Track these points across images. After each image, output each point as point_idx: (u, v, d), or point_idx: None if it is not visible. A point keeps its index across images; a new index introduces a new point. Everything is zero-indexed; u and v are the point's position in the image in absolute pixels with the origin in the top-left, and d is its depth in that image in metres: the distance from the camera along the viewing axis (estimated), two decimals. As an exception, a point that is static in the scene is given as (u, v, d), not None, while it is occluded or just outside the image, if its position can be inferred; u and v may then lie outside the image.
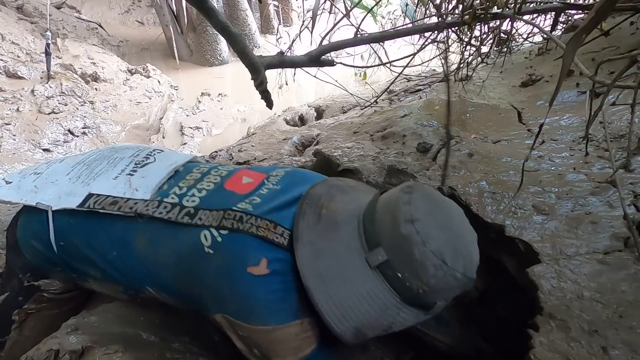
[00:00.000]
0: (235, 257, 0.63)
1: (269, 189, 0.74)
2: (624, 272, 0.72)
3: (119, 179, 0.81)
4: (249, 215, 0.66)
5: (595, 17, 0.61)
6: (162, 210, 0.72)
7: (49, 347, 0.70)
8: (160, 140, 3.24)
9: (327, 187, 0.75)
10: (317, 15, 1.58)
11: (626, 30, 1.70)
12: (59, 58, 3.63)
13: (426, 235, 0.58)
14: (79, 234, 0.77)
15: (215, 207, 0.70)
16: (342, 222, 0.67)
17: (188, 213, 0.70)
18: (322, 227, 0.66)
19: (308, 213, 0.68)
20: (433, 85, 2.27)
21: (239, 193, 0.73)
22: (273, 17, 6.51)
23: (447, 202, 0.65)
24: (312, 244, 0.64)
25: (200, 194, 0.74)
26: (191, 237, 0.67)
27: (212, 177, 0.79)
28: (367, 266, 0.62)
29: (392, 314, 0.61)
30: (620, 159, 1.00)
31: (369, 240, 0.63)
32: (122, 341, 0.73)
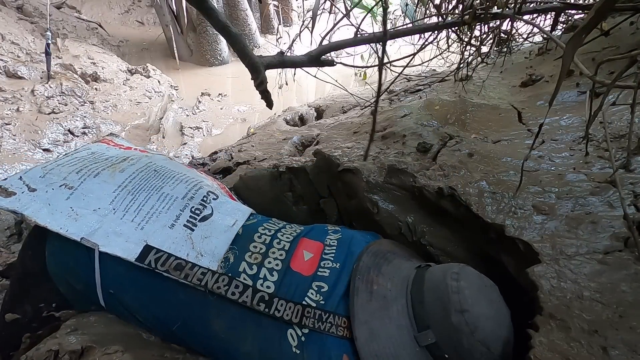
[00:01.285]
0: (320, 357, 0.68)
1: (330, 269, 0.78)
2: (624, 272, 0.72)
3: (176, 229, 0.75)
4: (327, 314, 0.71)
5: (595, 17, 0.61)
6: (234, 290, 0.72)
7: (48, 347, 0.69)
8: (160, 140, 3.24)
9: (372, 257, 0.81)
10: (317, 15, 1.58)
11: (626, 30, 1.70)
12: (59, 58, 3.63)
13: (474, 327, 0.65)
14: (132, 289, 0.73)
15: (290, 297, 0.73)
16: (391, 299, 0.73)
17: (263, 299, 0.71)
18: (374, 306, 0.72)
19: (361, 290, 0.74)
20: (433, 85, 2.27)
21: (305, 275, 0.77)
22: (273, 17, 6.51)
23: (490, 288, 0.73)
24: (367, 323, 0.70)
25: (272, 277, 0.75)
26: (277, 334, 0.70)
27: (277, 252, 0.80)
28: (416, 344, 0.69)
29: None
30: (620, 159, 1.00)
31: (418, 321, 0.70)
32: (122, 341, 0.73)
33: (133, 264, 0.71)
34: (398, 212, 1.14)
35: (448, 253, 1.07)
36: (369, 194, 1.16)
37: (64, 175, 0.78)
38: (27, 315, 0.79)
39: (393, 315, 0.71)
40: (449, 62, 2.46)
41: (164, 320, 0.74)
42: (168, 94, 4.10)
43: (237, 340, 0.72)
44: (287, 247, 0.82)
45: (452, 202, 1.04)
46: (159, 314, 0.74)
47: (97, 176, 0.79)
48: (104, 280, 0.73)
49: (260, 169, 1.41)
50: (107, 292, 0.74)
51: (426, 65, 2.23)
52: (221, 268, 0.74)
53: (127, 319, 0.79)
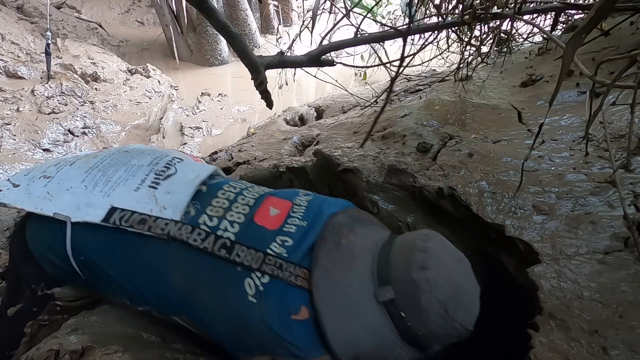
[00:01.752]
0: (280, 308, 0.67)
1: (297, 226, 0.75)
2: (624, 272, 0.72)
3: (141, 191, 0.78)
4: (288, 263, 0.69)
5: (595, 17, 0.61)
6: (196, 237, 0.72)
7: (49, 347, 0.70)
8: (160, 140, 3.24)
9: (348, 217, 0.78)
10: (317, 15, 1.58)
11: (626, 30, 1.70)
12: (59, 58, 3.64)
13: (434, 285, 0.62)
14: (100, 251, 0.74)
15: (252, 245, 0.71)
16: (358, 255, 0.71)
17: (224, 245, 0.71)
18: (339, 257, 0.70)
19: (328, 240, 0.72)
20: (433, 85, 2.27)
21: (270, 229, 0.74)
22: (273, 17, 6.51)
23: (458, 255, 0.70)
24: (328, 270, 0.68)
25: (233, 228, 0.74)
26: (234, 283, 0.68)
27: (241, 207, 0.78)
28: (375, 301, 0.66)
29: (390, 349, 0.66)
30: (620, 159, 1.00)
31: (380, 277, 0.67)
32: (122, 341, 0.73)
33: (100, 227, 0.74)
34: (398, 212, 1.14)
35: (448, 253, 1.07)
36: (369, 193, 1.16)
37: (44, 169, 0.85)
38: (28, 300, 0.81)
39: (357, 269, 0.69)
40: (449, 62, 2.46)
41: (128, 276, 0.74)
42: (168, 94, 4.10)
43: (195, 290, 0.71)
44: (252, 203, 0.79)
45: (452, 202, 1.04)
46: (124, 272, 0.75)
47: (73, 165, 0.85)
48: (74, 249, 0.75)
49: (260, 169, 1.41)
50: (79, 261, 0.76)
51: (426, 65, 2.23)
52: (184, 218, 0.75)
53: (99, 288, 0.79)
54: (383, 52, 2.15)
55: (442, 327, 0.63)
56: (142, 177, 0.80)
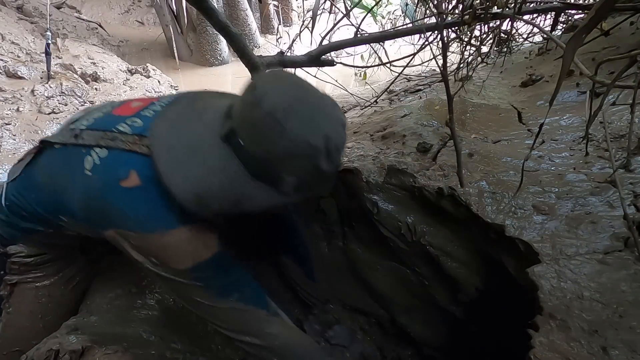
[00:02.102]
0: (108, 175, 0.65)
1: (155, 111, 0.73)
2: (624, 272, 0.72)
3: None
4: (122, 134, 0.68)
5: (595, 17, 0.61)
6: (58, 137, 0.75)
7: (49, 347, 0.70)
8: (160, 140, 3.24)
9: (217, 91, 0.77)
10: (317, 15, 1.58)
11: (626, 30, 1.70)
12: (59, 58, 3.64)
13: (266, 96, 0.57)
14: (14, 190, 0.79)
15: (98, 127, 0.72)
16: (211, 108, 0.67)
17: (75, 135, 0.72)
18: (188, 112, 0.67)
19: (181, 102, 0.70)
20: (433, 85, 2.27)
21: (123, 115, 0.73)
22: (273, 17, 6.51)
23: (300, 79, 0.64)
24: (171, 121, 0.66)
25: (88, 122, 0.75)
26: (78, 162, 0.69)
27: (106, 109, 0.79)
28: (219, 140, 0.62)
29: (239, 187, 0.61)
30: (620, 159, 1.00)
31: (225, 119, 0.63)
32: (122, 341, 0.73)
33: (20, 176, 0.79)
34: (398, 212, 1.14)
35: (448, 253, 1.07)
36: (369, 194, 1.16)
37: None
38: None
39: (205, 119, 0.66)
40: (449, 62, 2.46)
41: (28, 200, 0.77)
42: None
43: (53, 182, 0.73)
44: (118, 103, 0.80)
45: (452, 202, 1.04)
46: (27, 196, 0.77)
47: None
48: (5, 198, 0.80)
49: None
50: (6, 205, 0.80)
51: (426, 65, 2.23)
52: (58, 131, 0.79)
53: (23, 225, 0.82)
54: (383, 52, 2.15)
55: (280, 144, 0.56)
56: None
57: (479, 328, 1.07)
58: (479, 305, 1.05)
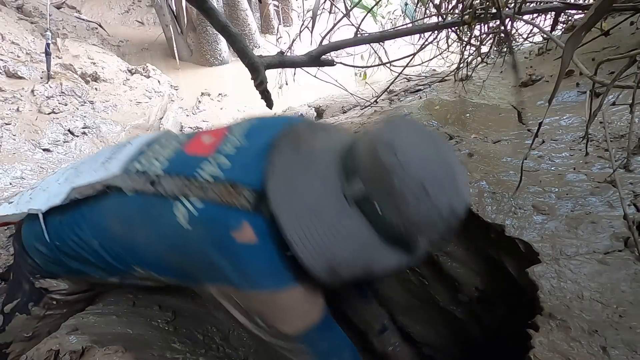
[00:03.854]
0: (217, 227, 0.60)
1: (236, 147, 0.68)
2: (624, 272, 0.72)
3: (98, 170, 0.80)
4: (216, 183, 0.62)
5: (595, 16, 0.61)
6: (128, 182, 0.70)
7: (49, 347, 0.70)
8: (160, 140, 3.24)
9: (307, 125, 0.70)
10: (317, 15, 1.58)
11: (626, 30, 1.70)
12: (59, 58, 3.64)
13: (407, 162, 0.53)
14: (67, 230, 0.76)
15: (178, 172, 0.66)
16: (320, 155, 0.62)
17: (151, 181, 0.67)
18: (298, 161, 0.61)
19: (285, 148, 0.63)
20: (433, 85, 2.27)
21: (201, 155, 0.68)
22: (273, 17, 6.51)
23: (432, 135, 0.61)
24: (286, 177, 0.60)
25: (161, 164, 0.70)
26: (165, 212, 0.63)
27: (172, 146, 0.75)
28: (345, 200, 0.58)
29: (370, 252, 0.58)
30: (620, 159, 1.00)
31: (347, 172, 0.59)
32: (122, 341, 0.73)
33: (62, 210, 0.74)
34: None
35: (448, 253, 1.07)
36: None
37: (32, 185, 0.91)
38: (25, 294, 0.83)
39: (320, 170, 0.60)
40: (449, 62, 2.46)
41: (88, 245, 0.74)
42: (168, 94, 4.10)
43: (132, 231, 0.68)
44: (184, 140, 0.76)
45: (452, 202, 1.04)
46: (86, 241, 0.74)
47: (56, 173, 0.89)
48: (51, 235, 0.76)
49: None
50: (55, 245, 0.76)
51: (426, 65, 2.23)
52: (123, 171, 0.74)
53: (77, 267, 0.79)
54: (383, 52, 2.15)
55: (423, 212, 0.54)
56: (103, 159, 0.81)
57: (478, 328, 1.07)
58: (479, 305, 1.05)
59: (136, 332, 0.79)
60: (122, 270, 0.75)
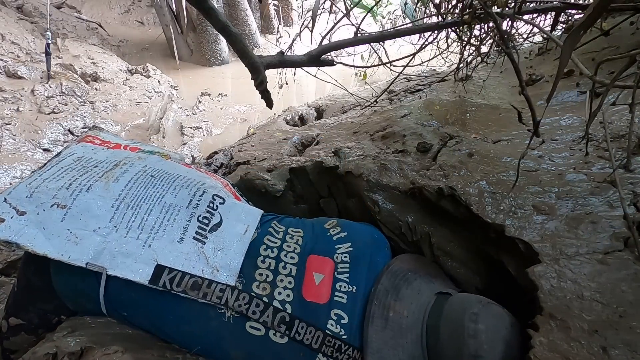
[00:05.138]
0: None
1: (347, 294, 0.75)
2: (624, 272, 0.72)
3: (185, 242, 0.71)
4: (347, 346, 0.70)
5: (593, 14, 0.61)
6: (254, 308, 0.69)
7: (45, 350, 0.68)
8: (160, 140, 3.24)
9: (392, 278, 0.79)
10: (317, 15, 1.58)
11: (626, 30, 1.70)
12: (59, 58, 3.64)
13: None
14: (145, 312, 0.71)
15: (309, 322, 0.70)
16: (406, 327, 0.72)
17: (284, 320, 0.69)
18: (388, 334, 0.71)
19: (376, 317, 0.72)
20: (433, 85, 2.27)
21: (321, 303, 0.73)
22: (273, 17, 6.51)
23: (510, 331, 0.69)
24: (379, 351, 0.69)
25: (284, 307, 0.71)
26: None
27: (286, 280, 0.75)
28: None
29: None
30: (620, 159, 1.00)
31: (431, 356, 0.69)
32: (122, 341, 0.73)
33: (145, 286, 0.67)
34: (398, 212, 1.14)
35: (448, 253, 1.06)
36: (370, 193, 1.16)
37: (53, 192, 0.71)
38: (32, 323, 0.77)
39: (407, 346, 0.70)
40: (449, 62, 2.46)
41: (181, 343, 0.73)
42: (168, 94, 4.10)
43: None
44: (295, 272, 0.76)
45: (452, 202, 1.04)
46: (176, 338, 0.73)
47: (90, 190, 0.72)
48: (113, 303, 0.70)
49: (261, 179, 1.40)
50: (118, 314, 0.72)
51: (426, 65, 2.22)
52: (239, 284, 0.72)
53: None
54: (383, 52, 2.15)
55: None
56: (184, 225, 0.73)
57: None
58: None
59: (136, 332, 0.79)
60: None
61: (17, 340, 0.78)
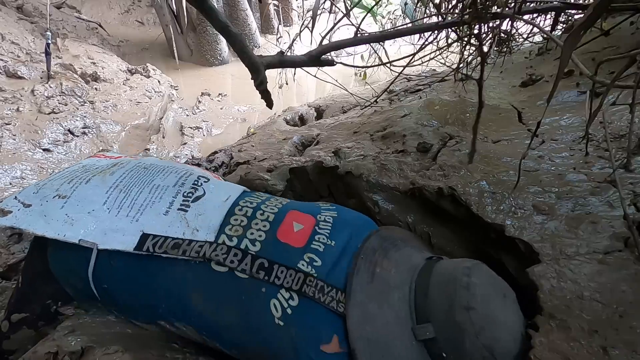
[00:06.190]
0: (308, 334, 0.63)
1: (325, 245, 0.71)
2: (624, 272, 0.72)
3: (170, 214, 0.74)
4: (329, 287, 0.66)
5: (593, 14, 0.61)
6: (232, 258, 0.68)
7: (46, 349, 0.69)
8: (160, 140, 3.24)
9: (381, 239, 0.75)
10: (317, 15, 1.58)
11: (626, 30, 1.70)
12: (59, 58, 3.63)
13: (480, 327, 0.60)
14: (123, 280, 0.72)
15: (277, 260, 0.68)
16: (394, 285, 0.68)
17: (262, 266, 0.67)
18: (374, 288, 0.67)
19: (362, 270, 0.69)
20: (433, 85, 2.27)
21: (295, 246, 0.71)
22: (273, 17, 6.51)
23: (502, 288, 0.67)
24: (363, 304, 0.65)
25: (255, 247, 0.70)
26: (259, 305, 0.65)
27: (260, 223, 0.74)
28: (413, 337, 0.64)
29: None
30: (620, 159, 1.00)
31: (419, 313, 0.65)
32: (122, 341, 0.73)
33: (131, 255, 0.71)
34: (398, 212, 1.14)
35: (448, 253, 1.07)
36: (369, 193, 1.16)
37: (56, 187, 0.79)
38: (35, 313, 0.80)
39: (393, 302, 0.66)
40: (449, 62, 2.46)
41: (150, 305, 0.72)
42: (168, 94, 4.10)
43: (216, 312, 0.68)
44: (272, 219, 0.75)
45: (452, 202, 1.04)
46: (149, 300, 0.72)
47: (89, 182, 0.80)
48: (99, 276, 0.72)
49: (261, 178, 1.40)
50: (100, 288, 0.74)
51: (426, 65, 2.22)
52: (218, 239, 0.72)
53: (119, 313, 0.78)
54: (383, 52, 2.15)
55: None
56: (170, 200, 0.77)
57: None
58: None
59: (136, 332, 0.79)
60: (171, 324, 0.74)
61: (18, 338, 0.80)
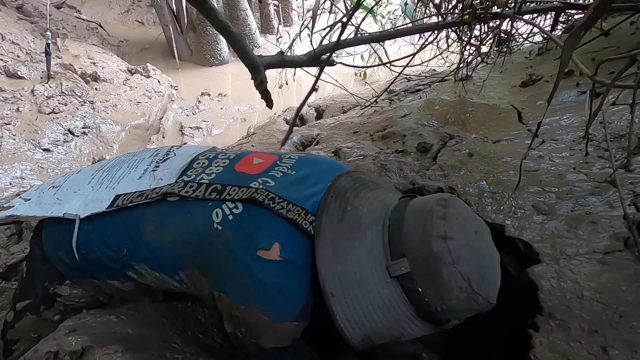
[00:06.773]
0: (243, 237, 0.61)
1: (283, 173, 0.71)
2: (624, 272, 0.72)
3: (143, 177, 0.79)
4: (281, 199, 0.64)
5: (594, 14, 0.61)
6: (188, 189, 0.70)
7: (47, 348, 0.69)
8: (160, 140, 3.24)
9: (352, 180, 0.71)
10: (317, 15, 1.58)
11: (626, 30, 1.70)
12: (59, 58, 3.64)
13: (457, 256, 0.56)
14: (96, 238, 0.75)
15: (227, 182, 0.68)
16: (366, 223, 0.64)
17: (215, 189, 0.68)
18: (345, 226, 0.63)
19: (332, 208, 0.65)
20: (433, 85, 2.27)
21: (250, 173, 0.70)
22: (273, 17, 6.51)
23: (479, 222, 0.63)
24: (333, 242, 0.62)
25: (209, 175, 0.72)
26: (202, 217, 0.65)
27: (221, 162, 0.77)
28: (387, 274, 0.60)
29: (404, 326, 0.60)
30: (620, 159, 1.00)
31: (393, 248, 0.61)
32: (122, 341, 0.73)
33: (104, 215, 0.74)
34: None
35: (448, 253, 1.06)
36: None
37: (52, 181, 0.89)
38: (37, 297, 0.83)
39: (365, 240, 0.62)
40: (449, 62, 2.46)
41: (116, 251, 0.74)
42: (168, 94, 4.10)
43: (161, 235, 0.69)
44: (233, 157, 0.77)
45: (452, 202, 1.04)
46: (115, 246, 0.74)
47: (79, 172, 0.89)
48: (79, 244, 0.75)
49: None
50: (81, 253, 0.76)
51: (426, 65, 2.23)
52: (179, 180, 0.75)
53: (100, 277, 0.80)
54: (383, 52, 2.15)
55: (464, 301, 0.57)
56: (145, 167, 0.82)
57: (478, 328, 1.07)
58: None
59: (136, 332, 0.79)
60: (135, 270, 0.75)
61: (22, 325, 0.83)
